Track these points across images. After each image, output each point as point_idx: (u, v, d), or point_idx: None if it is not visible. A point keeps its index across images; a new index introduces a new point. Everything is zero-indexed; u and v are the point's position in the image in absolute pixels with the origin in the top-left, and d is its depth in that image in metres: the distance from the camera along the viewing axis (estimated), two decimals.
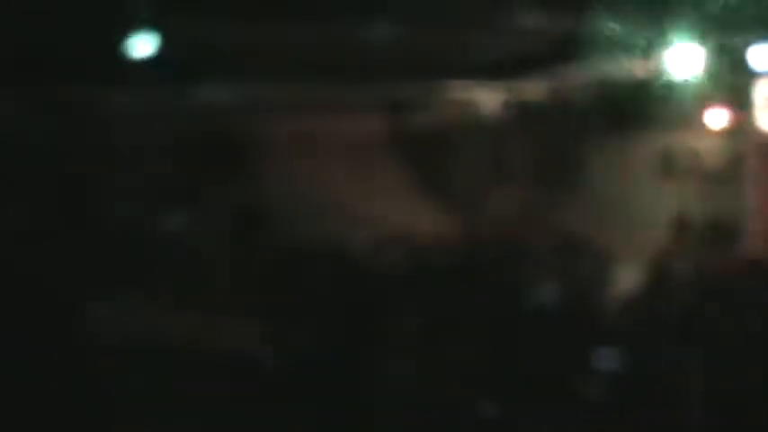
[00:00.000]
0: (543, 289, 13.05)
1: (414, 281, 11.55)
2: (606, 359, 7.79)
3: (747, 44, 12.35)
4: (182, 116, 18.18)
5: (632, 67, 13.47)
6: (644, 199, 18.79)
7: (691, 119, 17.49)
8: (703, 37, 11.75)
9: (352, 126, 21.13)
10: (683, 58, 12.65)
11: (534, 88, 18.46)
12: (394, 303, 10.15)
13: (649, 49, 12.78)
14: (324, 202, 19.93)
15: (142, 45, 11.37)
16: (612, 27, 10.20)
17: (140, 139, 17.76)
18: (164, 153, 18.26)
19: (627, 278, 10.13)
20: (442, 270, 12.51)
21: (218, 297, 12.75)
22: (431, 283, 11.16)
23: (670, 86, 15.21)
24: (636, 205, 18.75)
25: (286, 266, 12.81)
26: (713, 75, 13.03)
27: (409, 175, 22.22)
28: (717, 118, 16.96)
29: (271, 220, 18.54)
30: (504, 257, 13.54)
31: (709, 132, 17.06)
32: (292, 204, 19.54)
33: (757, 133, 15.14)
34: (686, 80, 13.59)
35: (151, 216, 16.92)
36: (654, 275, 10.55)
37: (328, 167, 20.66)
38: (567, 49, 13.57)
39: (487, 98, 21.99)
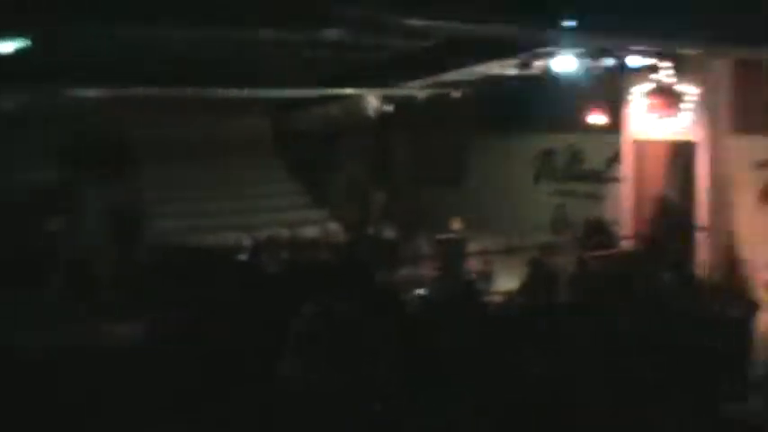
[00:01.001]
0: (426, 286, 13.16)
1: (297, 279, 11.48)
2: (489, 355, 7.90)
3: (623, 47, 12.65)
4: (62, 117, 17.86)
5: (513, 70, 13.65)
6: (525, 197, 19.18)
7: (570, 120, 17.92)
8: (581, 41, 11.98)
9: (236, 127, 21.00)
10: (563, 62, 12.88)
11: (416, 92, 18.62)
12: (278, 301, 10.07)
13: (529, 52, 12.96)
14: (207, 201, 19.77)
15: (13, 46, 11.05)
16: (495, 31, 10.32)
17: (16, 140, 17.36)
18: (40, 154, 17.88)
19: (510, 274, 10.28)
20: (324, 268, 12.47)
21: (97, 296, 12.50)
22: (314, 280, 11.13)
23: (549, 88, 15.51)
24: (517, 204, 19.13)
25: (166, 266, 12.57)
26: (591, 77, 13.29)
27: (292, 176, 22.21)
28: (595, 119, 17.41)
29: (150, 220, 18.28)
30: (384, 255, 13.58)
31: (588, 132, 17.51)
32: (174, 204, 19.34)
33: (631, 132, 15.55)
34: (565, 82, 13.85)
35: (26, 217, 16.55)
36: (535, 271, 10.72)
37: (211, 168, 20.49)
38: (448, 54, 13.66)
39: (371, 102, 22.10)
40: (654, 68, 13.23)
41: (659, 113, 14.94)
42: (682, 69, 13.53)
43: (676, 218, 14.37)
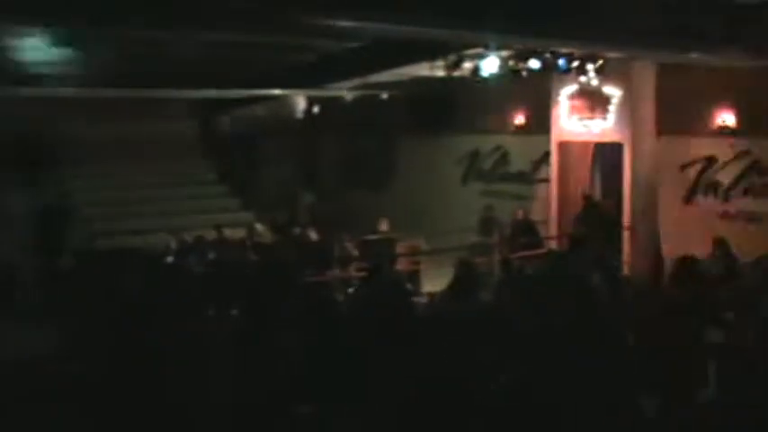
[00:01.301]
0: (353, 287, 13.09)
1: (220, 279, 11.36)
2: (413, 356, 7.87)
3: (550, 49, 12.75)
4: None
5: (441, 72, 13.64)
6: (453, 198, 19.25)
7: (497, 121, 18.05)
8: (508, 42, 12.03)
9: (162, 129, 20.74)
10: (491, 63, 12.92)
11: (344, 93, 18.58)
12: (200, 302, 9.96)
13: (456, 55, 12.97)
14: (132, 203, 19.48)
15: None
16: (421, 34, 10.29)
17: None
18: None
19: (438, 275, 10.26)
20: (248, 269, 12.35)
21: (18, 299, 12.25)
22: (236, 281, 11.03)
23: (477, 90, 15.58)
24: (445, 205, 19.19)
25: (91, 266, 12.35)
26: (518, 78, 13.37)
27: (219, 177, 22.02)
28: (522, 120, 17.54)
29: (76, 221, 17.97)
30: (312, 257, 13.49)
31: (515, 133, 17.65)
32: (99, 206, 19.03)
33: (558, 134, 15.68)
34: (493, 84, 13.90)
35: None
36: (464, 271, 10.73)
37: (137, 170, 20.21)
38: (376, 55, 13.64)
39: (299, 103, 22.03)
40: (580, 71, 13.35)
41: (584, 115, 15.11)
42: (607, 72, 13.68)
43: (602, 218, 14.52)
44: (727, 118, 14.03)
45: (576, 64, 13.01)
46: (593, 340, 7.60)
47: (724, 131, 14.09)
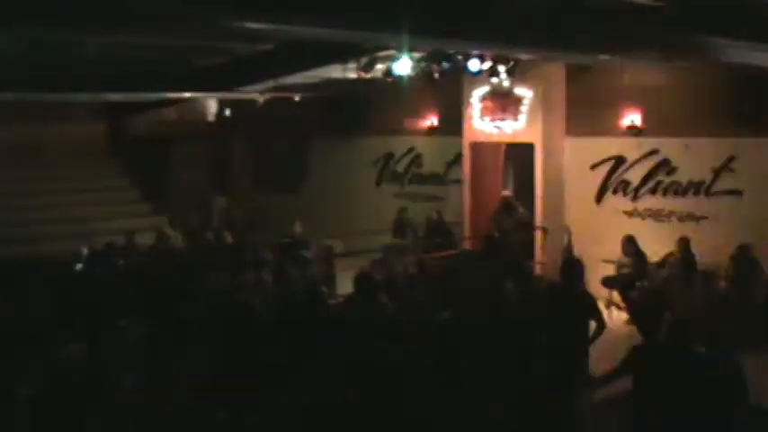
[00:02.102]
0: (268, 290, 12.97)
1: (131, 285, 11.14)
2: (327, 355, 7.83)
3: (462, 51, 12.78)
4: None
5: (354, 74, 13.60)
6: (367, 200, 19.21)
7: (411, 123, 18.08)
8: (421, 44, 12.02)
9: (68, 132, 20.29)
10: (403, 65, 12.91)
11: (257, 96, 18.39)
12: (112, 307, 9.75)
13: (369, 57, 12.94)
14: (38, 210, 19.00)
15: None
16: (334, 36, 10.21)
17: None
18: None
19: (352, 277, 10.21)
20: (160, 274, 12.14)
21: None
22: (149, 287, 10.83)
23: (391, 93, 15.57)
24: (359, 207, 19.15)
25: None
26: (431, 80, 13.39)
27: (129, 182, 21.62)
28: (435, 121, 17.59)
29: None
30: (225, 261, 13.30)
31: (429, 135, 17.68)
32: (3, 213, 18.51)
33: (470, 135, 15.76)
34: (406, 86, 13.90)
35: None
36: (379, 272, 10.72)
37: (43, 175, 19.73)
38: (288, 57, 13.52)
39: (210, 105, 21.76)
40: (492, 72, 13.44)
41: (496, 116, 15.22)
42: (518, 73, 13.80)
43: (515, 218, 14.64)
44: (635, 118, 14.28)
45: (487, 65, 13.08)
46: (503, 339, 7.66)
47: (632, 131, 14.34)
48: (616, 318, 13.13)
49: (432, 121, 17.61)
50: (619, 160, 14.61)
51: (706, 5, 9.39)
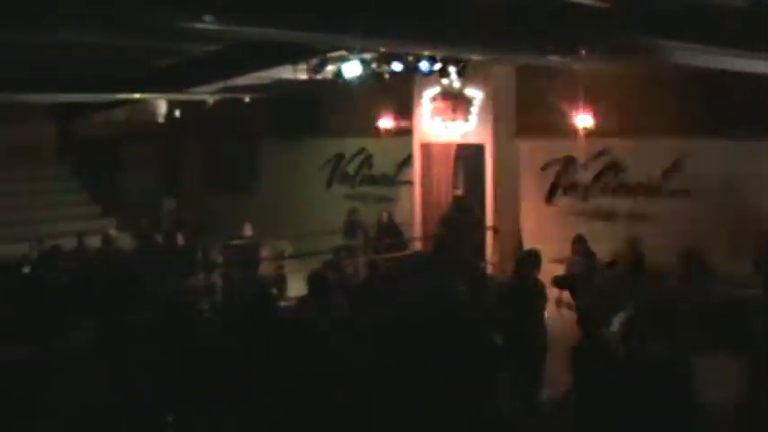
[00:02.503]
0: (218, 293, 12.87)
1: (80, 289, 10.98)
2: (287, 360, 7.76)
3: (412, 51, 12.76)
4: None
5: (304, 75, 13.51)
6: (317, 202, 19.15)
7: (361, 124, 18.02)
8: (371, 45, 11.99)
9: (15, 134, 19.97)
10: (354, 66, 12.87)
11: (206, 96, 18.23)
12: (58, 310, 9.60)
13: (321, 58, 12.88)
14: None
15: None
16: (284, 37, 10.12)
17: None
18: None
19: (303, 279, 10.13)
20: (107, 277, 11.98)
21: None
22: (95, 290, 10.68)
23: (341, 94, 15.52)
24: (310, 208, 19.07)
25: None
26: (381, 81, 13.37)
27: (78, 184, 21.35)
28: (385, 122, 17.55)
29: None
30: (174, 263, 13.18)
31: (379, 136, 17.65)
32: None
33: (421, 135, 15.77)
34: (356, 86, 13.87)
35: None
36: (331, 274, 10.67)
37: None
38: (238, 57, 13.41)
39: (160, 106, 21.53)
40: (442, 73, 13.45)
41: (446, 117, 15.24)
42: (468, 74, 13.83)
43: (465, 218, 14.65)
44: (585, 119, 14.35)
45: (437, 66, 13.08)
46: (453, 341, 7.63)
47: (582, 132, 14.41)
48: (567, 317, 13.17)
49: (383, 121, 17.57)
50: (569, 161, 14.69)
51: (654, 6, 9.45)
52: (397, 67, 12.97)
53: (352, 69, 12.92)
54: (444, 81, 14.32)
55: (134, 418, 6.94)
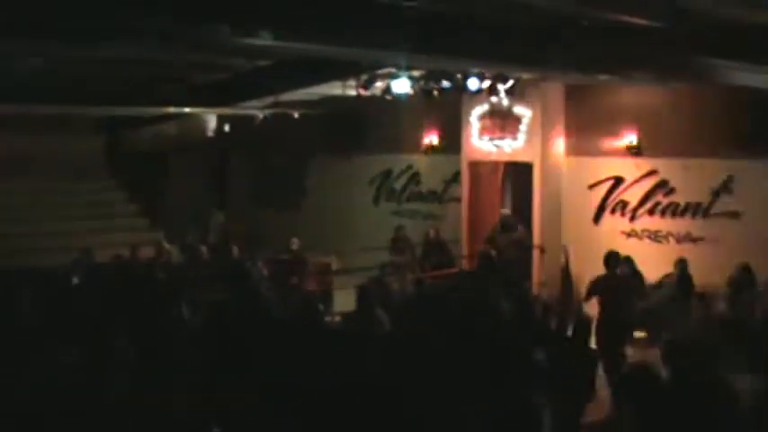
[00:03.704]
0: (266, 306, 12.94)
1: (126, 298, 11.11)
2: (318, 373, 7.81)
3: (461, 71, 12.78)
4: None
5: (353, 91, 13.60)
6: (365, 218, 19.19)
7: (409, 141, 18.05)
8: (421, 62, 12.04)
9: (71, 145, 20.28)
10: (403, 83, 12.93)
11: (256, 112, 18.38)
12: (101, 319, 9.72)
13: (370, 75, 12.95)
14: (38, 220, 18.96)
15: None
16: (334, 53, 10.21)
17: None
18: None
19: (350, 294, 10.18)
20: (161, 286, 12.14)
21: None
22: (142, 300, 10.82)
23: (390, 111, 15.59)
24: (357, 224, 19.13)
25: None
26: (429, 98, 13.40)
27: (129, 195, 21.61)
28: (433, 140, 17.58)
29: None
30: (225, 276, 13.28)
31: (427, 153, 17.68)
32: (4, 225, 18.45)
33: (469, 153, 15.76)
34: (405, 103, 13.92)
35: None
36: (378, 291, 10.70)
37: (40, 187, 19.70)
38: (288, 73, 13.52)
39: (209, 121, 21.78)
40: (491, 91, 13.44)
41: (496, 135, 15.23)
42: (518, 92, 13.82)
43: (512, 237, 14.62)
44: (633, 138, 14.29)
45: (486, 84, 13.08)
46: (499, 360, 7.63)
47: (631, 151, 14.35)
48: None
49: (430, 139, 17.60)
50: (617, 180, 14.62)
51: (706, 27, 9.41)
52: (445, 84, 13.00)
53: (400, 86, 12.98)
54: (493, 99, 14.31)
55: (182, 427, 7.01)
